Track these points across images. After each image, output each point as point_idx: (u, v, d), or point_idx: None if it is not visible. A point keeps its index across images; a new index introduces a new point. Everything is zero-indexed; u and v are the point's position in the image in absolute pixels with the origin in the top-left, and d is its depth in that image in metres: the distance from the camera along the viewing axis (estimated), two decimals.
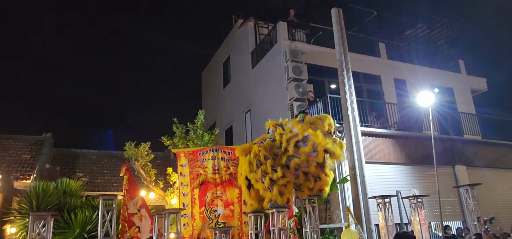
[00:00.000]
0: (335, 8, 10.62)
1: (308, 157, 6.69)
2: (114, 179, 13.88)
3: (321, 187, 6.81)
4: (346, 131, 9.62)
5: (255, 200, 6.54)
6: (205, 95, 20.31)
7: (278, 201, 6.07)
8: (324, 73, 13.65)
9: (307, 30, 14.44)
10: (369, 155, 10.36)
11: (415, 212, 7.43)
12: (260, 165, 6.47)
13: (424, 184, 11.15)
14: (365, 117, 11.53)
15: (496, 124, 14.98)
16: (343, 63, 10.03)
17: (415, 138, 12.00)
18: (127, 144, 10.67)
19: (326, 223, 9.66)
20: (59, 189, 9.10)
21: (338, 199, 9.90)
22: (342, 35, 10.31)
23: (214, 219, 7.62)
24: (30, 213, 5.68)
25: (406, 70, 15.22)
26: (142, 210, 7.82)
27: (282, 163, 6.64)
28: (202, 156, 7.94)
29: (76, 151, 15.78)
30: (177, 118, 10.82)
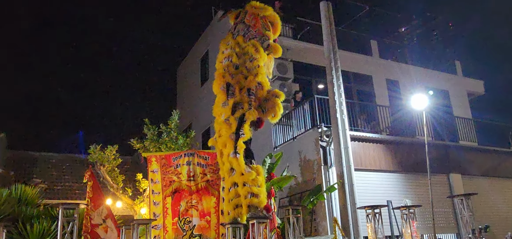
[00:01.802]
0: (324, 1, 10.71)
1: None
2: (76, 186, 13.67)
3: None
4: (334, 135, 9.71)
5: None
6: (180, 94, 20.19)
7: None
8: (312, 72, 13.78)
9: (294, 24, 14.54)
10: (358, 162, 10.48)
11: (407, 223, 7.56)
12: None
13: (417, 194, 11.36)
14: (354, 120, 11.68)
15: (493, 130, 15.41)
16: (332, 61, 10.13)
17: (408, 143, 12.22)
18: (91, 147, 10.52)
19: (311, 236, 9.73)
20: (13, 197, 8.91)
21: (324, 209, 9.98)
22: (331, 30, 10.42)
23: (189, 230, 7.57)
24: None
25: (399, 71, 15.51)
26: (108, 221, 7.71)
27: None
28: (176, 160, 7.89)
29: (33, 153, 15.46)
30: (148, 119, 10.72)
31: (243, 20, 7.31)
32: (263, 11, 7.35)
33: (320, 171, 10.40)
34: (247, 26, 7.23)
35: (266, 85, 7.03)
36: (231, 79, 6.76)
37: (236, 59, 6.94)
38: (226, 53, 7.07)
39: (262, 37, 7.19)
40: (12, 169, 13.40)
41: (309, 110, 11.35)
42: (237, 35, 7.22)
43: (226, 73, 6.88)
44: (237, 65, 6.93)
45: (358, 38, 15.69)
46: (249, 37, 7.16)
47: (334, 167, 10.09)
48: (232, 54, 6.97)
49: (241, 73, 6.86)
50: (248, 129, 6.60)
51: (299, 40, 14.10)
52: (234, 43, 7.13)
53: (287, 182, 9.46)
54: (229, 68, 6.92)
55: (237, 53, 6.99)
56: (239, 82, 6.78)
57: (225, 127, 6.67)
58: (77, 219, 5.97)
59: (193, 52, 18.83)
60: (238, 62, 6.94)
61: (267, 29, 7.33)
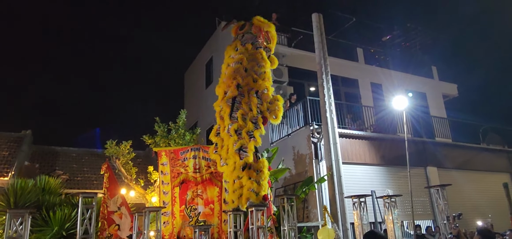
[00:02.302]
0: (315, 13, 10.71)
1: None
2: (94, 177, 13.60)
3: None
4: (324, 132, 9.71)
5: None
6: (187, 95, 20.16)
7: None
8: (304, 76, 13.77)
9: (289, 34, 14.54)
10: (345, 156, 10.49)
11: (389, 211, 7.57)
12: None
13: (398, 184, 11.37)
14: (342, 119, 11.67)
15: (465, 128, 15.47)
16: (323, 66, 10.12)
17: (389, 140, 12.22)
18: (108, 142, 10.47)
19: (304, 222, 9.72)
20: (38, 187, 8.79)
21: (315, 198, 9.97)
22: (322, 39, 10.41)
23: (194, 217, 7.57)
24: (7, 210, 5.49)
25: (382, 75, 15.51)
26: (122, 208, 7.68)
27: None
28: (183, 154, 7.88)
29: (56, 148, 15.39)
30: (159, 118, 10.69)
31: (250, 31, 7.28)
32: (267, 27, 7.40)
33: (311, 164, 10.39)
34: (254, 36, 7.22)
35: (270, 91, 7.02)
36: (242, 81, 6.69)
37: (246, 63, 6.89)
38: (236, 58, 6.96)
39: (265, 48, 7.23)
40: (37, 162, 13.33)
41: (302, 110, 11.35)
42: (246, 43, 7.16)
43: (237, 74, 6.76)
44: (247, 69, 6.88)
45: (346, 46, 15.69)
46: (256, 46, 7.16)
47: (324, 160, 10.07)
48: (242, 58, 6.90)
49: (250, 76, 6.81)
50: (258, 136, 6.52)
51: (294, 47, 14.09)
52: (244, 49, 7.07)
53: (282, 174, 9.45)
54: (240, 70, 6.83)
55: (246, 58, 6.95)
56: (248, 84, 6.72)
57: (230, 139, 6.45)
58: (95, 206, 5.95)
59: (198, 58, 18.79)
60: (248, 66, 6.89)
61: (269, 42, 7.39)
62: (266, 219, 5.88)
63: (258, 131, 6.45)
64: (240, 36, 7.34)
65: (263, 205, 5.88)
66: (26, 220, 5.22)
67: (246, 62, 6.89)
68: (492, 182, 14.01)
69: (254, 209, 5.77)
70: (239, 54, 7.01)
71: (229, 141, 6.40)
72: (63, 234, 7.62)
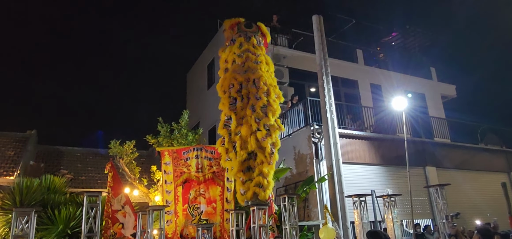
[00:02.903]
0: (316, 15, 10.71)
1: None
2: (98, 177, 13.59)
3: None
4: (325, 133, 9.71)
5: None
6: (189, 96, 20.15)
7: None
8: (305, 77, 13.76)
9: (289, 35, 14.54)
10: (346, 156, 10.48)
11: (388, 210, 7.56)
12: None
13: (397, 184, 11.36)
14: (343, 120, 11.66)
15: (464, 128, 15.45)
16: (323, 68, 10.13)
17: (389, 140, 12.21)
18: (112, 142, 10.46)
19: (305, 221, 9.72)
20: (43, 186, 8.78)
21: (316, 197, 9.96)
22: (322, 41, 10.41)
23: (197, 216, 7.57)
24: (13, 208, 5.50)
25: (381, 76, 15.51)
26: (126, 207, 7.69)
27: None
28: (186, 154, 7.89)
29: (60, 148, 15.39)
30: (162, 118, 10.69)
31: (256, 34, 7.39)
32: (268, 37, 7.68)
33: (312, 164, 10.38)
34: (258, 40, 7.34)
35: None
36: (252, 74, 6.76)
37: (254, 57, 6.99)
38: (244, 55, 7.05)
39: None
40: (42, 162, 13.34)
41: (302, 111, 11.34)
42: (251, 39, 7.27)
43: (249, 61, 6.92)
44: (257, 62, 6.98)
45: (346, 48, 15.69)
46: (261, 48, 7.34)
47: (324, 160, 10.07)
48: (248, 55, 7.00)
49: (260, 69, 6.91)
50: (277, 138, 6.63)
51: (294, 49, 14.09)
52: (250, 45, 7.17)
53: (283, 173, 9.46)
54: (251, 64, 6.94)
55: (252, 52, 7.07)
56: (261, 76, 6.78)
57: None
58: (99, 205, 5.94)
59: (200, 59, 18.79)
60: (257, 59, 7.00)
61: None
62: (267, 218, 5.88)
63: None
64: (243, 34, 7.33)
65: (265, 204, 5.89)
66: (32, 219, 5.23)
67: (253, 57, 6.99)
68: (490, 182, 13.99)
69: (256, 208, 5.77)
70: (245, 50, 7.06)
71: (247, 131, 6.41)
72: (68, 232, 7.63)
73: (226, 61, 7.25)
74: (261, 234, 5.78)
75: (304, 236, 8.23)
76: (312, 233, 8.71)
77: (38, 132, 14.69)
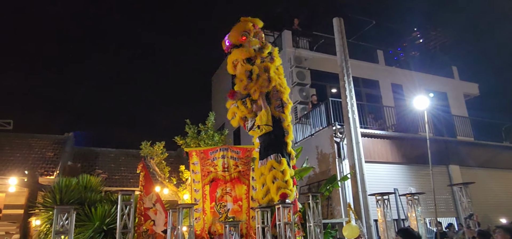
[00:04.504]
0: (336, 18, 10.59)
1: None
2: (130, 176, 13.91)
3: None
4: (347, 132, 9.57)
5: None
6: (215, 98, 20.33)
7: None
8: (326, 78, 13.63)
9: (310, 38, 14.45)
10: (368, 155, 10.29)
11: (412, 208, 7.36)
12: None
13: (420, 182, 11.06)
14: (364, 119, 11.47)
15: (487, 126, 14.86)
16: (344, 69, 9.99)
17: (411, 139, 11.91)
18: (143, 143, 10.69)
19: (328, 218, 9.61)
20: (80, 185, 9.05)
21: (339, 195, 9.84)
22: (343, 43, 10.27)
23: (224, 213, 7.59)
24: (54, 206, 5.69)
25: (402, 76, 15.15)
26: (157, 205, 7.79)
27: None
28: (212, 154, 7.93)
29: (95, 149, 15.85)
30: (189, 120, 10.83)
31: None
32: (259, 23, 7.33)
33: (334, 163, 10.27)
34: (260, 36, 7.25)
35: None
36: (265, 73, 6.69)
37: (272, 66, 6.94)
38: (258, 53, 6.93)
39: None
40: (79, 162, 13.76)
41: (324, 111, 11.24)
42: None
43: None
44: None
45: (366, 49, 15.42)
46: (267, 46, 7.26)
47: (346, 159, 9.93)
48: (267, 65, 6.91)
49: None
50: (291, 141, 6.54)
51: (315, 51, 13.97)
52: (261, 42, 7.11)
53: (306, 172, 9.37)
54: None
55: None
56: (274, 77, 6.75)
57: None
58: (133, 203, 6.05)
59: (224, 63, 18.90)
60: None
61: None
62: (292, 215, 5.84)
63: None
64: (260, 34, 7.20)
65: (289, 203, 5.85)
66: (71, 216, 5.39)
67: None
68: None
69: (281, 206, 5.74)
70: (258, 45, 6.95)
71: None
72: (104, 228, 7.81)
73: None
74: (286, 231, 5.74)
75: (328, 234, 8.12)
76: (335, 231, 8.60)
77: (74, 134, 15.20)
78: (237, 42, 6.85)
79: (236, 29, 6.89)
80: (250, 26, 6.94)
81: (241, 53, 6.81)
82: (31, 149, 13.63)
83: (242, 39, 6.83)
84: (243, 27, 6.88)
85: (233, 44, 6.91)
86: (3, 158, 12.67)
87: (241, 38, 6.83)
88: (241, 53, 6.82)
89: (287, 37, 13.63)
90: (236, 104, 7.04)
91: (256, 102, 6.74)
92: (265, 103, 6.55)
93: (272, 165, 6.14)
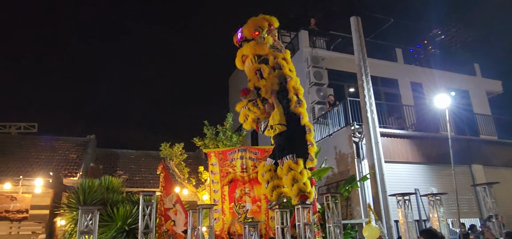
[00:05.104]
0: (354, 17, 10.48)
1: None
2: (150, 177, 14.09)
3: None
4: (366, 132, 9.47)
5: None
6: (232, 99, 20.40)
7: None
8: (344, 78, 13.50)
9: (327, 37, 14.34)
10: (387, 155, 10.14)
11: (434, 209, 7.21)
12: None
13: (442, 183, 10.81)
14: (383, 119, 11.31)
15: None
16: (362, 68, 9.88)
17: (432, 138, 11.67)
18: (162, 145, 10.82)
19: (347, 219, 9.52)
20: (103, 186, 9.20)
21: (358, 196, 9.74)
22: (361, 42, 10.17)
23: (243, 214, 7.63)
24: (79, 207, 5.82)
25: (422, 74, 14.85)
26: (177, 205, 7.89)
27: None
28: (231, 155, 7.98)
29: (116, 151, 16.13)
30: (207, 121, 10.91)
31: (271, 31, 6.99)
32: (275, 23, 7.09)
33: (353, 163, 10.16)
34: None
35: None
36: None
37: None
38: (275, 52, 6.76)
39: None
40: (101, 163, 14.04)
41: (342, 111, 11.13)
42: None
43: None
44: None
45: (385, 47, 15.17)
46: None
47: (366, 159, 9.82)
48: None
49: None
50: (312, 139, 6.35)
51: (332, 50, 13.86)
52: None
53: (325, 173, 9.31)
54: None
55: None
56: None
57: None
58: (154, 204, 6.13)
59: None
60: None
61: None
62: (312, 216, 5.81)
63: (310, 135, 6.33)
64: (268, 31, 6.90)
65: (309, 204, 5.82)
66: (95, 216, 5.49)
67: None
68: None
69: (300, 206, 5.73)
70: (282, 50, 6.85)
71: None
72: (126, 228, 7.95)
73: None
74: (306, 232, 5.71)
75: (347, 235, 8.05)
76: (355, 231, 8.51)
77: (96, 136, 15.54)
78: (250, 36, 6.64)
79: (251, 23, 6.68)
80: (265, 23, 6.74)
81: (252, 48, 6.60)
82: (55, 151, 13.99)
83: (255, 34, 6.62)
84: (258, 22, 6.68)
85: (245, 38, 6.68)
86: (29, 159, 13.05)
87: (254, 33, 6.62)
88: (252, 48, 6.61)
89: (304, 37, 13.57)
90: (247, 106, 6.88)
91: (268, 102, 6.62)
92: (277, 102, 6.35)
93: (289, 166, 5.94)
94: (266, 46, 6.63)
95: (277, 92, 6.48)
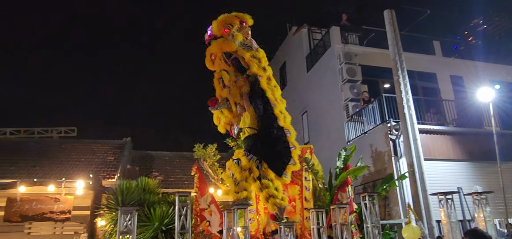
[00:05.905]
0: (387, 10, 10.19)
1: None
2: (185, 178, 14.33)
3: None
4: (403, 129, 9.18)
5: None
6: None
7: None
8: (378, 73, 13.15)
9: (360, 32, 14.02)
10: (427, 152, 9.76)
11: (479, 208, 6.86)
12: None
13: (487, 181, 10.28)
14: (421, 115, 10.91)
15: None
16: (398, 63, 9.59)
17: (474, 134, 11.13)
18: (196, 146, 10.99)
19: (386, 219, 9.27)
20: (140, 187, 9.39)
21: (396, 195, 9.46)
22: (396, 35, 9.87)
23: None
24: (118, 208, 6.02)
25: (463, 67, 14.20)
26: (212, 206, 7.97)
27: None
28: None
29: (151, 152, 16.53)
30: None
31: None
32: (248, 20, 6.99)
33: (390, 161, 9.88)
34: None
35: None
36: None
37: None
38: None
39: None
40: (137, 165, 14.44)
41: (377, 108, 10.85)
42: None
43: None
44: None
45: (421, 40, 14.61)
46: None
47: (404, 157, 9.52)
48: None
49: None
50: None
51: (366, 46, 13.54)
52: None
53: (361, 171, 9.08)
54: None
55: None
56: None
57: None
58: (189, 204, 6.24)
59: (272, 63, 18.93)
60: None
61: None
62: (349, 216, 5.71)
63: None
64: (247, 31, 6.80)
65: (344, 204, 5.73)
66: (133, 217, 5.66)
67: None
68: None
69: (336, 206, 5.64)
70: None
71: None
72: (163, 229, 8.14)
73: None
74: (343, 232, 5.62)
75: (386, 235, 7.83)
76: (394, 232, 8.26)
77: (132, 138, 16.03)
78: (219, 34, 6.38)
79: (221, 20, 6.43)
80: (236, 20, 6.51)
81: (219, 46, 6.35)
82: (94, 153, 14.56)
83: (225, 31, 6.37)
84: (228, 19, 6.44)
85: (214, 36, 6.43)
86: (70, 162, 13.67)
87: (224, 30, 6.37)
88: (219, 46, 6.36)
89: (335, 33, 13.35)
90: (220, 108, 6.75)
91: (240, 104, 6.45)
92: (248, 104, 6.21)
93: None
94: (234, 44, 6.35)
95: (249, 94, 6.33)
